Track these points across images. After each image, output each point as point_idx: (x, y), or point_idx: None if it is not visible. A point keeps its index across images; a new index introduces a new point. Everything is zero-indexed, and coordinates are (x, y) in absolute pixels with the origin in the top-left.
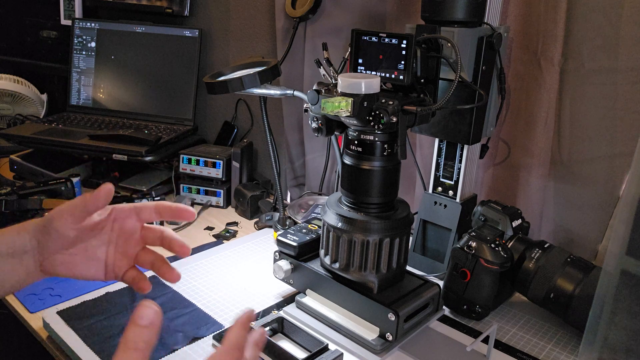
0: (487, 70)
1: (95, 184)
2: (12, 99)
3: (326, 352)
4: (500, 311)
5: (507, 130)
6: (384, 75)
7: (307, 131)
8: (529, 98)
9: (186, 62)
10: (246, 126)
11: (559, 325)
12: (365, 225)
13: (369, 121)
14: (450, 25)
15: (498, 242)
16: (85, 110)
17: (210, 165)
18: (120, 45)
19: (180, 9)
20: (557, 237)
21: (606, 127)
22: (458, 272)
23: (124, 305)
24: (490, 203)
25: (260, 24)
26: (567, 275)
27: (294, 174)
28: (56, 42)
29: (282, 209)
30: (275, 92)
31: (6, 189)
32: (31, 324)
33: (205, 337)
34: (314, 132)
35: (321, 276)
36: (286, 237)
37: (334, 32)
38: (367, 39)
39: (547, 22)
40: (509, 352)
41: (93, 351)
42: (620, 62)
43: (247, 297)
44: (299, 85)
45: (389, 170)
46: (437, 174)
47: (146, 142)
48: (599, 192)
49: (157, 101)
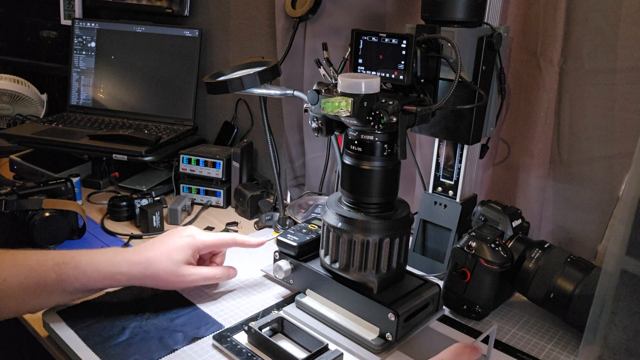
0: (487, 70)
1: (96, 184)
2: (12, 99)
3: (326, 352)
4: (500, 311)
5: (507, 130)
6: (384, 75)
7: (307, 131)
8: (528, 98)
9: (186, 62)
10: (246, 126)
11: (559, 325)
12: (365, 225)
13: (369, 121)
14: (450, 25)
15: (498, 242)
16: (85, 110)
17: (210, 165)
18: (120, 45)
19: (180, 9)
20: (557, 237)
21: (606, 127)
22: (458, 272)
23: (124, 305)
24: (490, 203)
25: (260, 24)
26: (567, 275)
27: (294, 174)
28: (56, 42)
29: (282, 209)
30: (275, 92)
31: (6, 189)
32: (31, 323)
33: (205, 337)
34: (314, 132)
35: (321, 276)
36: (286, 237)
37: (334, 32)
38: (367, 39)
39: (546, 22)
40: (509, 352)
41: (93, 351)
42: (620, 62)
43: (247, 297)
44: (299, 85)
45: (389, 170)
46: (437, 174)
47: (146, 142)
48: (599, 192)
49: (157, 101)
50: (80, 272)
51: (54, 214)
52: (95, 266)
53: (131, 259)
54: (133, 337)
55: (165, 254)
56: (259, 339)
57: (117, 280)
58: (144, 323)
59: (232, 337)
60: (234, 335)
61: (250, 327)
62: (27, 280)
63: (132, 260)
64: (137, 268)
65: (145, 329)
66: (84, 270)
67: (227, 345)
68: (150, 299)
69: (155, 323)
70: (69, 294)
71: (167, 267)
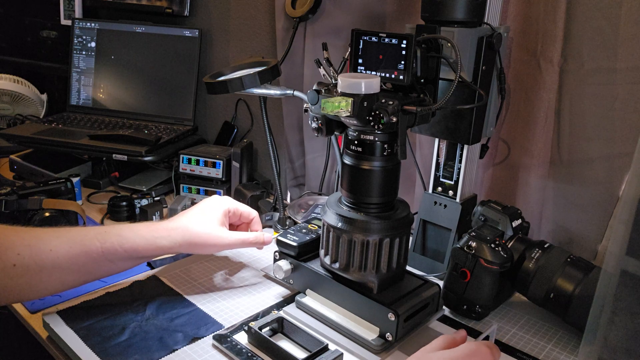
0: (487, 70)
1: (96, 184)
2: (12, 99)
3: (326, 352)
4: (500, 311)
5: (507, 130)
6: (384, 75)
7: (307, 131)
8: (528, 98)
9: (186, 62)
10: (246, 126)
11: (559, 325)
12: (365, 225)
13: (369, 121)
14: (450, 25)
15: (498, 242)
16: (85, 110)
17: (210, 165)
18: (120, 45)
19: (180, 9)
20: (557, 237)
21: (606, 127)
22: (458, 272)
23: (124, 305)
24: (490, 203)
25: (260, 24)
26: (567, 275)
27: (294, 174)
28: (56, 42)
29: (282, 209)
30: (275, 92)
31: (6, 189)
32: (31, 323)
33: (205, 337)
34: (314, 132)
35: (321, 276)
36: (286, 237)
37: (334, 32)
38: (367, 39)
39: (546, 22)
40: (509, 352)
41: (93, 351)
42: (620, 62)
43: (247, 297)
44: (299, 85)
45: (389, 170)
46: (437, 174)
47: (146, 142)
48: (599, 192)
49: (157, 101)
50: (123, 239)
51: (54, 214)
52: (137, 232)
53: (169, 225)
54: (133, 337)
55: (200, 215)
56: (259, 339)
57: (160, 248)
58: (144, 323)
59: (232, 337)
60: (234, 335)
61: (250, 327)
62: (72, 249)
63: (170, 226)
64: (176, 232)
65: (145, 329)
66: (126, 237)
67: (227, 345)
68: (150, 300)
69: (155, 323)
70: (112, 263)
71: (204, 228)
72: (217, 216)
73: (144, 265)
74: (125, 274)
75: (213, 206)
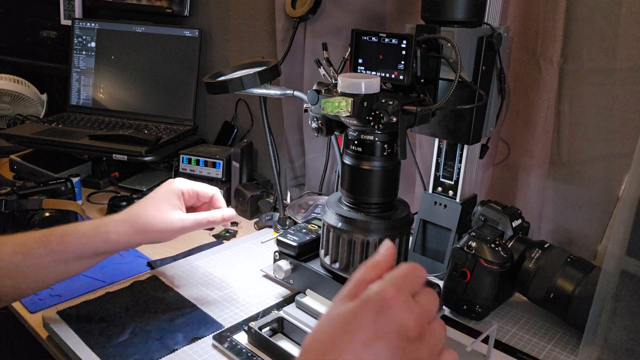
0: (487, 70)
1: (96, 184)
2: (12, 99)
3: None
4: (500, 311)
5: (507, 130)
6: (384, 75)
7: (307, 131)
8: (528, 98)
9: (186, 62)
10: (246, 126)
11: (559, 325)
12: (365, 225)
13: (369, 121)
14: (450, 25)
15: (498, 242)
16: (85, 110)
17: (210, 165)
18: (120, 45)
19: (180, 9)
20: (557, 237)
21: (605, 127)
22: (458, 272)
23: (124, 305)
24: (490, 203)
25: (260, 24)
26: (567, 275)
27: (294, 174)
28: (56, 42)
29: (282, 209)
30: (275, 92)
31: (6, 189)
32: (31, 323)
33: (205, 337)
34: (314, 132)
35: (321, 276)
36: (286, 237)
37: (334, 32)
38: (367, 39)
39: (546, 22)
40: (509, 352)
41: (93, 351)
42: (619, 62)
43: (247, 297)
44: (299, 85)
45: (389, 170)
46: (437, 174)
47: (146, 142)
48: (599, 192)
49: (157, 101)
50: (65, 240)
51: (54, 214)
52: (81, 231)
53: (115, 218)
54: (133, 337)
55: (149, 203)
56: (259, 339)
57: (107, 241)
58: (144, 323)
59: (232, 337)
60: (234, 335)
61: (250, 327)
62: (16, 255)
63: (117, 218)
64: (123, 224)
65: (145, 329)
66: (69, 238)
67: (227, 345)
68: (151, 299)
69: (155, 323)
70: (63, 264)
71: (154, 216)
72: (168, 200)
73: (144, 265)
74: (125, 274)
75: (164, 191)
